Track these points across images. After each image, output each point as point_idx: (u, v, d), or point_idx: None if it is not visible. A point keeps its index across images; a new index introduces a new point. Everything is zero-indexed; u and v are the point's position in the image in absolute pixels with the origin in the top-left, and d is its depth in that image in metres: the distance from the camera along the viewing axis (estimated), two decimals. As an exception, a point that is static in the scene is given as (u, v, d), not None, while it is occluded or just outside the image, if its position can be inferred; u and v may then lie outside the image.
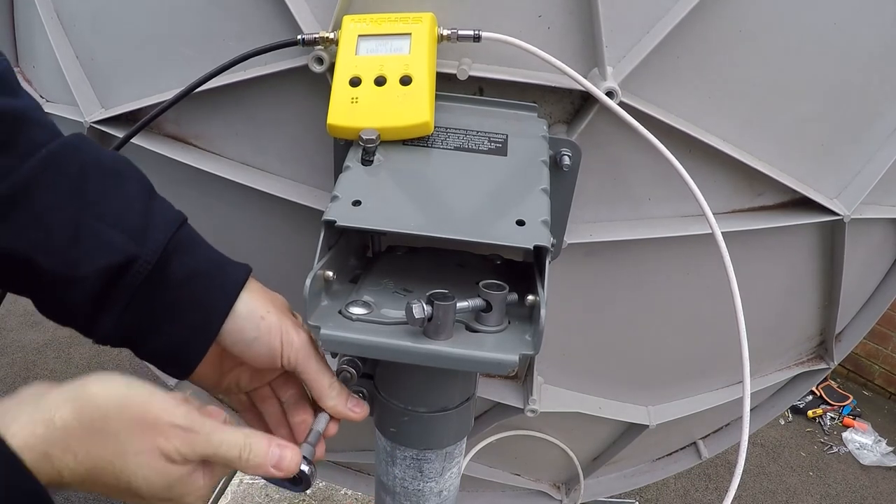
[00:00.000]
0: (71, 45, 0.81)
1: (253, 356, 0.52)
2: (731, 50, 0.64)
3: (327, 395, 0.53)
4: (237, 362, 0.56)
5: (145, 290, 0.47)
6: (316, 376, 0.53)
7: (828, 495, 2.52)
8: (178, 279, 0.48)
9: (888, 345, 3.06)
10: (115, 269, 0.45)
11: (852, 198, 0.76)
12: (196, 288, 0.49)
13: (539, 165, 0.58)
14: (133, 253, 0.45)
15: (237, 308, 0.51)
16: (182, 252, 0.49)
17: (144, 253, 0.46)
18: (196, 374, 0.54)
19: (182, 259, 0.49)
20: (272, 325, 0.51)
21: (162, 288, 0.48)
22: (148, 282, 0.47)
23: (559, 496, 1.15)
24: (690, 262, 0.77)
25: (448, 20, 0.61)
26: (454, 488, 0.71)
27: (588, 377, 0.90)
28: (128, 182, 0.48)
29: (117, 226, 0.45)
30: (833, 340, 0.99)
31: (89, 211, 0.44)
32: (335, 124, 0.57)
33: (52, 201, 0.43)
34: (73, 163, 0.45)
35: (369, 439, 0.66)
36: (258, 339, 0.51)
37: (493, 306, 0.51)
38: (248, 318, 0.51)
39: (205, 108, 0.73)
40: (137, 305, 0.47)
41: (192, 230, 0.52)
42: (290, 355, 0.52)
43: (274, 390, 0.59)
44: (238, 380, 0.58)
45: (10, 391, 0.38)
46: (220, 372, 0.57)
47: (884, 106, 0.72)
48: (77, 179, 0.44)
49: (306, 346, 0.53)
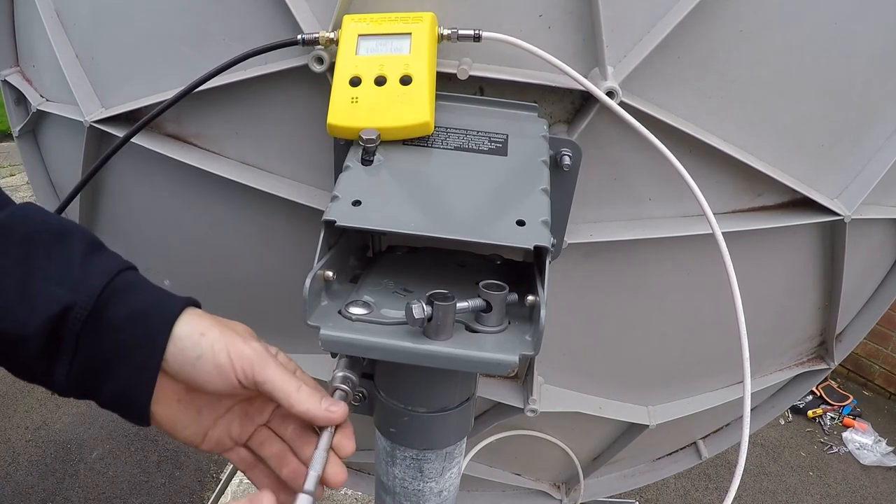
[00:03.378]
0: (71, 44, 0.81)
1: (203, 378, 0.49)
2: (732, 50, 0.64)
3: (297, 399, 0.50)
4: (214, 408, 0.54)
5: (88, 336, 0.48)
6: (279, 383, 0.50)
7: (828, 495, 2.52)
8: (118, 322, 0.48)
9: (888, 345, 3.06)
10: (55, 318, 0.46)
11: (853, 198, 0.76)
12: (136, 327, 0.49)
13: (539, 165, 0.58)
14: (69, 301, 0.47)
15: (175, 332, 0.49)
16: (121, 296, 0.49)
17: (80, 299, 0.47)
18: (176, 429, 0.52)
19: (121, 302, 0.49)
20: (214, 340, 0.49)
21: (103, 332, 0.48)
22: (88, 327, 0.48)
23: (559, 496, 1.15)
24: (690, 262, 0.77)
25: (448, 20, 0.61)
26: (454, 488, 0.71)
27: (588, 377, 0.90)
28: (71, 242, 0.50)
29: (61, 283, 0.47)
30: (833, 341, 0.99)
31: (36, 274, 0.47)
32: (335, 124, 0.57)
33: (2, 267, 0.46)
34: (21, 231, 0.48)
35: (369, 439, 0.65)
36: (202, 357, 0.49)
37: (493, 306, 0.51)
38: (188, 338, 0.49)
39: (205, 107, 0.73)
40: (84, 353, 0.48)
41: (135, 276, 0.52)
42: (244, 367, 0.49)
43: (273, 431, 0.56)
44: (229, 430, 0.55)
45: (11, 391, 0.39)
46: (199, 421, 0.54)
47: (884, 106, 0.72)
48: (25, 246, 0.47)
49: (260, 355, 0.50)
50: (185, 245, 0.87)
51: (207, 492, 2.28)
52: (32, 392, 2.66)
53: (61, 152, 0.97)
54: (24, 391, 2.67)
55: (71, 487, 2.26)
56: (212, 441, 0.55)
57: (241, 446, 0.57)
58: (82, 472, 2.33)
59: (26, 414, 2.57)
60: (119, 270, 0.50)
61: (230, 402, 0.55)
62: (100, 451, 2.44)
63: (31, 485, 2.26)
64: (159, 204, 0.84)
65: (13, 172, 4.73)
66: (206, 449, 0.55)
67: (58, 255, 0.48)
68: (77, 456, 2.40)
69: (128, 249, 0.90)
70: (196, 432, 0.54)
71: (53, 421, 2.55)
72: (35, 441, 2.45)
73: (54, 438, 2.47)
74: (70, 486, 2.26)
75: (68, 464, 2.36)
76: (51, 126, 0.97)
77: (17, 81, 0.98)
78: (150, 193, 0.84)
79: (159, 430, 0.54)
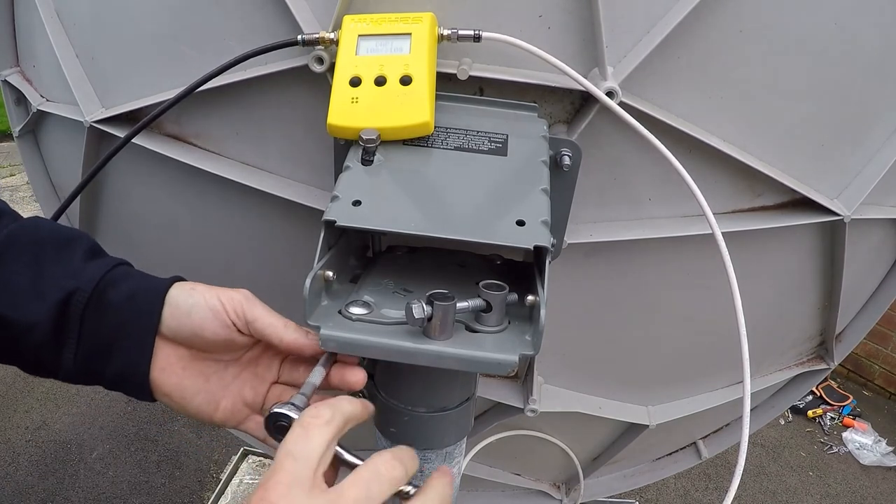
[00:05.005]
0: (71, 44, 0.81)
1: (199, 324, 0.52)
2: (732, 50, 0.64)
3: (284, 332, 0.53)
4: (221, 376, 0.56)
5: (91, 318, 0.52)
6: (267, 319, 0.53)
7: (828, 495, 2.53)
8: (116, 303, 0.52)
9: (888, 345, 3.06)
10: (61, 303, 0.51)
11: (853, 198, 0.76)
12: (133, 305, 0.53)
13: (539, 165, 0.58)
14: (72, 287, 0.52)
15: (168, 297, 0.53)
16: (118, 282, 0.54)
17: (82, 283, 0.52)
18: (185, 399, 0.54)
19: (118, 287, 0.53)
20: (204, 290, 0.54)
21: (104, 314, 0.52)
22: (91, 310, 0.52)
23: (559, 496, 1.15)
24: (690, 262, 0.77)
25: (448, 20, 0.61)
26: (454, 488, 0.71)
27: (588, 377, 0.90)
28: (76, 247, 0.55)
29: (65, 276, 0.53)
30: (833, 341, 0.99)
31: (44, 273, 0.52)
32: (335, 124, 0.57)
33: (15, 269, 0.52)
34: (31, 238, 0.53)
35: (369, 439, 0.65)
36: (196, 305, 0.53)
37: (493, 306, 0.51)
38: (179, 296, 0.53)
39: (205, 107, 0.73)
40: (88, 335, 0.52)
41: (130, 269, 0.56)
42: (234, 308, 0.53)
43: (286, 384, 0.58)
44: (242, 396, 0.57)
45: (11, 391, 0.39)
46: (207, 389, 0.55)
47: (884, 106, 0.72)
48: (35, 250, 0.53)
49: (248, 297, 0.54)
50: (185, 245, 0.87)
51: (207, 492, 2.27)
52: (32, 392, 2.66)
53: (61, 152, 0.97)
54: (24, 391, 2.67)
55: (71, 487, 2.26)
56: (226, 411, 0.56)
57: (258, 414, 0.58)
58: (82, 472, 2.33)
59: (26, 414, 2.57)
60: (115, 265, 0.55)
61: (237, 367, 0.57)
62: (100, 451, 2.44)
63: (31, 485, 2.26)
64: (159, 204, 0.84)
65: (13, 172, 4.73)
66: (220, 421, 0.57)
67: (63, 258, 0.54)
68: (77, 456, 2.40)
69: (128, 249, 0.90)
70: (206, 401, 0.56)
71: (53, 421, 2.55)
72: (35, 441, 2.45)
73: (54, 438, 2.47)
74: (70, 486, 2.26)
75: (68, 464, 2.36)
76: (51, 126, 0.97)
77: (18, 81, 0.98)
78: (150, 193, 0.84)
79: (168, 409, 0.56)
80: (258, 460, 2.10)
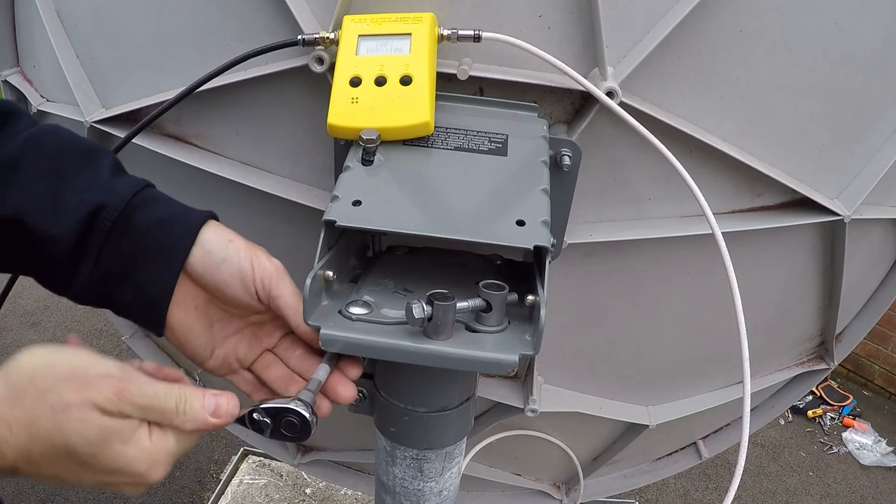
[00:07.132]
0: (72, 44, 0.81)
1: (226, 280, 0.52)
2: (732, 50, 0.64)
3: (302, 321, 0.52)
4: (226, 326, 0.56)
5: (116, 237, 0.50)
6: (290, 300, 0.52)
7: (828, 495, 2.52)
8: (144, 227, 0.51)
9: (888, 345, 3.06)
10: (87, 218, 0.49)
11: (853, 198, 0.76)
12: (161, 232, 0.51)
13: (539, 165, 0.58)
14: (101, 202, 0.50)
15: (203, 235, 0.52)
16: (147, 205, 0.52)
17: (111, 201, 0.50)
18: (188, 338, 0.54)
19: (147, 210, 0.52)
20: (241, 248, 0.52)
21: (129, 236, 0.51)
22: (116, 229, 0.50)
23: (559, 496, 1.15)
24: (690, 262, 0.77)
25: (448, 20, 0.61)
26: (454, 488, 0.71)
27: (588, 377, 0.90)
28: (101, 159, 0.53)
29: (91, 190, 0.51)
30: (833, 340, 0.99)
31: (67, 184, 0.50)
32: (335, 124, 0.57)
33: (34, 173, 0.49)
34: (52, 144, 0.51)
35: (369, 439, 0.65)
36: (227, 260, 0.52)
37: (493, 306, 0.51)
38: (216, 242, 0.52)
39: (205, 107, 0.73)
40: (109, 254, 0.50)
41: (158, 192, 0.55)
42: (263, 278, 0.52)
43: (278, 356, 0.58)
44: (236, 351, 0.57)
45: None
46: (209, 334, 0.55)
47: (884, 106, 0.72)
48: (55, 157, 0.51)
49: (280, 271, 0.53)
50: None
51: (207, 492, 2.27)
52: (32, 392, 2.66)
53: (61, 152, 0.97)
54: (25, 391, 2.67)
55: (71, 487, 2.26)
56: (218, 359, 0.57)
57: (246, 370, 0.58)
58: (82, 472, 2.33)
59: (26, 414, 2.57)
60: (146, 185, 0.54)
61: (241, 322, 0.57)
62: (100, 451, 2.44)
63: (31, 485, 2.26)
64: (159, 204, 0.84)
65: (13, 172, 4.72)
66: (212, 367, 0.57)
67: (88, 169, 0.51)
68: (77, 456, 2.40)
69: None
70: (204, 345, 0.56)
71: (53, 421, 2.55)
72: (35, 441, 2.45)
73: (54, 438, 2.47)
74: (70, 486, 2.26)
75: (68, 464, 2.36)
76: (51, 126, 0.97)
77: (18, 81, 0.98)
78: (151, 193, 0.84)
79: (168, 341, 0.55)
80: (258, 460, 2.11)
